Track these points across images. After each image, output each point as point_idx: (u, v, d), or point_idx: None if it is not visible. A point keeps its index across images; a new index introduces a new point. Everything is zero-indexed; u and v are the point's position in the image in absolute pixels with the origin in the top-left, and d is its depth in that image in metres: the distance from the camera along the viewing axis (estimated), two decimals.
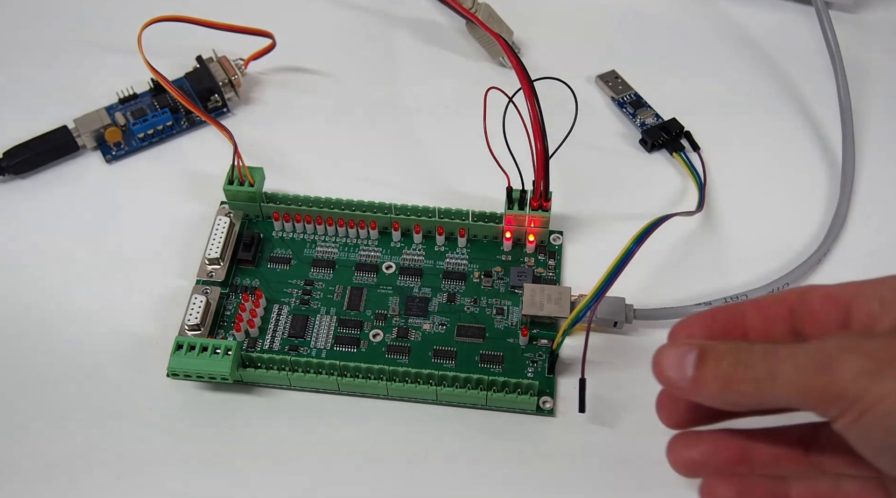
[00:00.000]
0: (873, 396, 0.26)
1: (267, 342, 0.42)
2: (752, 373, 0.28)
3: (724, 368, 0.29)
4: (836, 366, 0.27)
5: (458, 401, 0.40)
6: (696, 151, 0.50)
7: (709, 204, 0.48)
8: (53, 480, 0.39)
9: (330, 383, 0.40)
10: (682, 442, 0.33)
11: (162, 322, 0.43)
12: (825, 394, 0.27)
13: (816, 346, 0.28)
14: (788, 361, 0.28)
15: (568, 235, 0.46)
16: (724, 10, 0.57)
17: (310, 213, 0.45)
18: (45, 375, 0.42)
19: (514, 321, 0.43)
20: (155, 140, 0.51)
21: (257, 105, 0.53)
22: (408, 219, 0.45)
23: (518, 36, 0.55)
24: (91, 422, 0.40)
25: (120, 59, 0.53)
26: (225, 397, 0.41)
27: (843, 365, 0.27)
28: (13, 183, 0.49)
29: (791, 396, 0.28)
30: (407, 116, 0.52)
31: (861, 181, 0.48)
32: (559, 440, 0.40)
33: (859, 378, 0.26)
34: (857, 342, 0.27)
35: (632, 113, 0.51)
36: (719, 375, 0.29)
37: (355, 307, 0.43)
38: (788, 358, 0.28)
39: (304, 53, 0.55)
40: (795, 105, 0.52)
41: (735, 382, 0.29)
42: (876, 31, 0.56)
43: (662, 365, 0.30)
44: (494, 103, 0.41)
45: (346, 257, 0.45)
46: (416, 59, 0.55)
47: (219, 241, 0.44)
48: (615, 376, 0.41)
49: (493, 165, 0.42)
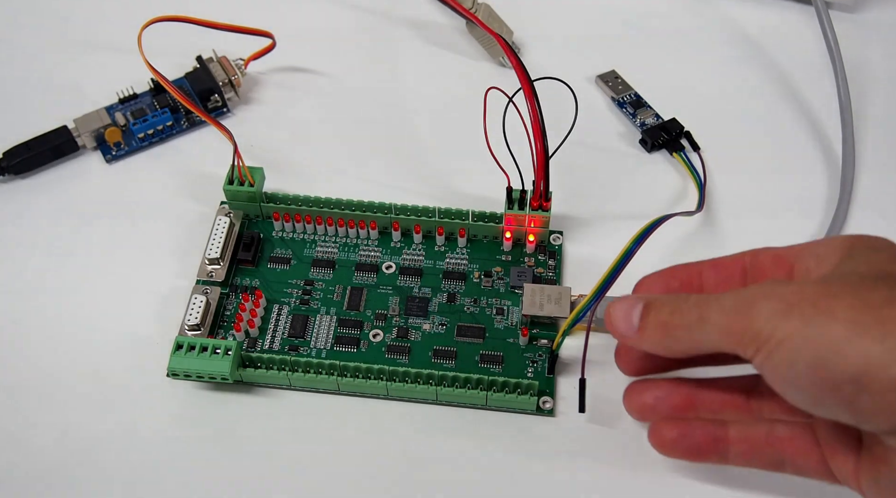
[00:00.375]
0: (781, 334, 0.28)
1: (267, 342, 0.42)
2: (686, 319, 0.31)
3: (663, 316, 0.32)
4: (753, 308, 0.29)
5: (458, 401, 0.40)
6: (696, 151, 0.50)
7: (709, 204, 0.48)
8: (53, 481, 0.39)
9: (330, 383, 0.40)
10: (636, 388, 0.37)
11: (162, 322, 0.43)
12: (744, 334, 0.29)
13: (740, 292, 0.30)
14: (715, 305, 0.30)
15: (568, 235, 0.46)
16: (725, 10, 0.57)
17: (310, 213, 0.45)
18: (45, 374, 0.42)
19: (514, 321, 0.43)
20: (155, 140, 0.51)
21: (257, 105, 0.53)
22: (408, 219, 0.45)
23: (518, 36, 0.55)
24: (91, 422, 0.40)
25: (120, 59, 0.53)
26: (225, 397, 0.41)
27: (759, 308, 0.29)
28: (13, 183, 0.49)
29: (719, 338, 0.30)
30: (407, 116, 0.52)
31: (861, 181, 0.48)
32: (559, 440, 0.40)
33: (771, 318, 0.29)
34: (773, 287, 0.30)
35: (632, 113, 0.52)
36: (659, 323, 0.32)
37: (355, 307, 0.43)
38: (715, 303, 0.31)
39: (304, 53, 0.55)
40: (795, 105, 0.52)
41: (672, 329, 0.32)
42: (876, 31, 0.56)
43: (613, 317, 0.34)
44: (494, 103, 0.41)
45: (346, 257, 0.45)
46: (416, 59, 0.55)
47: (219, 241, 0.44)
48: (615, 376, 0.41)
49: (493, 165, 0.42)
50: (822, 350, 0.27)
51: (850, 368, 0.27)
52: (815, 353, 0.28)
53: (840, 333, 0.27)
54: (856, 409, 0.28)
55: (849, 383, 0.27)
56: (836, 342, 0.27)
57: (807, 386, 0.29)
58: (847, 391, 0.27)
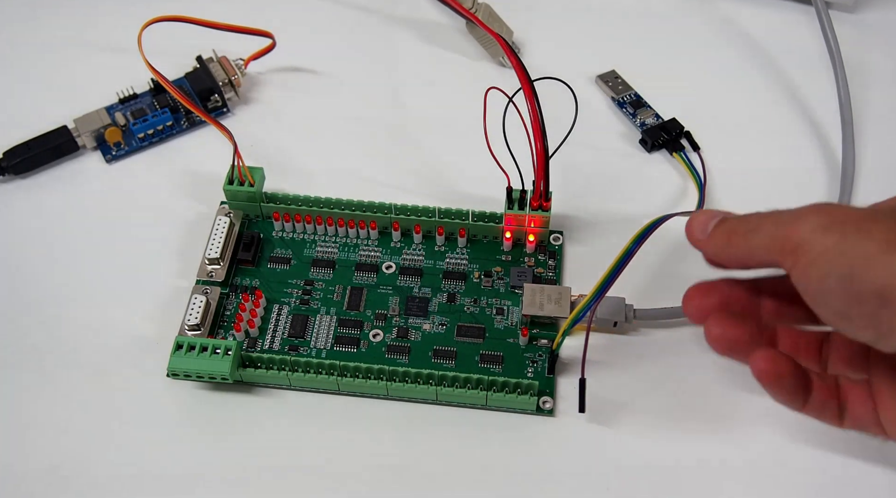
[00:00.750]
0: (820, 247, 0.29)
1: (267, 342, 0.42)
2: (747, 226, 0.32)
3: (730, 224, 0.33)
4: (800, 221, 0.30)
5: (458, 401, 0.40)
6: (696, 151, 0.50)
7: (709, 204, 0.48)
8: (53, 481, 0.39)
9: (330, 383, 0.40)
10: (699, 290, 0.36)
11: (162, 322, 0.43)
12: (786, 242, 0.30)
13: (794, 209, 0.31)
14: (773, 217, 0.32)
15: (568, 235, 0.46)
16: (724, 11, 0.57)
17: (310, 213, 0.45)
18: (45, 374, 0.42)
19: (514, 321, 0.43)
20: (155, 140, 0.51)
21: (257, 105, 0.53)
22: (408, 219, 0.45)
23: (518, 36, 0.55)
24: (91, 422, 0.40)
25: (120, 59, 0.53)
26: (225, 397, 0.41)
27: (805, 220, 0.30)
28: (13, 183, 0.49)
29: (767, 247, 0.31)
30: (407, 116, 0.52)
31: (861, 181, 0.48)
32: (559, 440, 0.40)
33: (814, 231, 0.30)
34: (824, 206, 0.31)
35: (632, 113, 0.51)
36: (725, 229, 0.33)
37: (355, 307, 0.43)
38: (774, 215, 0.32)
39: (304, 53, 0.55)
40: (795, 105, 0.52)
41: (733, 235, 0.33)
42: (876, 31, 0.56)
43: (692, 224, 0.35)
44: (494, 103, 0.41)
45: (346, 257, 0.45)
46: (416, 59, 0.55)
47: (219, 241, 0.44)
48: (615, 376, 0.41)
49: (493, 165, 0.42)
50: (854, 264, 0.28)
51: (877, 281, 0.28)
52: (848, 266, 0.29)
53: (873, 249, 0.28)
54: (877, 323, 0.29)
55: (874, 297, 0.28)
56: (867, 258, 0.28)
57: (835, 299, 0.29)
58: (871, 305, 0.28)
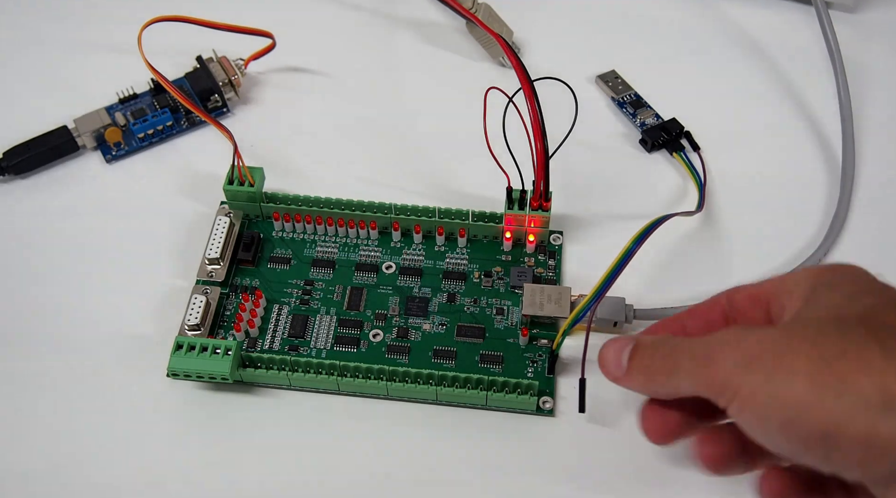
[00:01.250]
0: (747, 389, 0.28)
1: (267, 342, 0.42)
2: (663, 364, 0.31)
3: (645, 360, 0.32)
4: (716, 359, 0.29)
5: (458, 401, 0.40)
6: (696, 151, 0.50)
7: (709, 204, 0.48)
8: (53, 481, 0.39)
9: (330, 383, 0.40)
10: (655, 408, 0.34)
11: (162, 322, 0.43)
12: (712, 385, 0.29)
13: (705, 340, 0.30)
14: (686, 354, 0.30)
15: (568, 235, 0.46)
16: (724, 10, 0.57)
17: (310, 213, 0.45)
18: (46, 374, 0.42)
19: (514, 321, 0.43)
20: (155, 140, 0.51)
21: (257, 105, 0.53)
22: (408, 219, 0.45)
23: (518, 36, 0.55)
24: (91, 422, 0.40)
25: (120, 59, 0.53)
26: (225, 397, 0.41)
27: (722, 357, 0.29)
28: (13, 183, 0.49)
29: (693, 386, 0.30)
30: (407, 116, 0.52)
31: (861, 181, 0.48)
32: (559, 440, 0.40)
33: (735, 370, 0.28)
34: (735, 335, 0.29)
35: (632, 113, 0.51)
36: (642, 367, 0.32)
37: (355, 307, 0.43)
38: (687, 349, 0.30)
39: (304, 53, 0.55)
40: (795, 105, 0.52)
41: (652, 373, 0.31)
42: (876, 31, 0.56)
43: (604, 357, 0.33)
44: (494, 103, 0.41)
45: (346, 257, 0.45)
46: (416, 59, 0.55)
47: (219, 241, 0.44)
48: None
49: (493, 166, 0.42)
50: (790, 409, 0.27)
51: (818, 427, 0.27)
52: (784, 412, 0.27)
53: (802, 390, 0.27)
54: (832, 463, 0.28)
55: (819, 441, 0.27)
56: (800, 402, 0.27)
57: (783, 442, 0.28)
58: (820, 449, 0.27)
